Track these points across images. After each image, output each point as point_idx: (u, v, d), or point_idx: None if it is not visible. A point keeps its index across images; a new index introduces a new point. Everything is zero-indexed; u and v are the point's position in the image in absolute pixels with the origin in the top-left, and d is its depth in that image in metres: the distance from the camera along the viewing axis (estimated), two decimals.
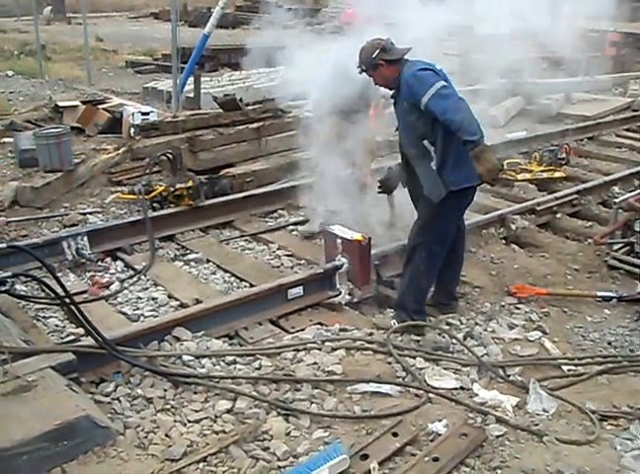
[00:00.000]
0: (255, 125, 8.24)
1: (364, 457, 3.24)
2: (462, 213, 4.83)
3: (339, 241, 5.03)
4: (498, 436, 3.46)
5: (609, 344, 4.59)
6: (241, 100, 8.80)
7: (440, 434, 3.39)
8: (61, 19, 27.87)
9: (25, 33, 21.28)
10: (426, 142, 4.46)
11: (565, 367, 4.29)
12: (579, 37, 17.39)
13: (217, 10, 8.99)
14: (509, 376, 4.14)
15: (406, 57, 4.58)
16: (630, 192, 6.61)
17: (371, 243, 5.04)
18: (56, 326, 4.80)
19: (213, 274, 5.65)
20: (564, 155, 8.55)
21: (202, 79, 11.28)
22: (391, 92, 4.72)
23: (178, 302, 5.13)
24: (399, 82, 4.51)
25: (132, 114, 8.56)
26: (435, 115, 4.27)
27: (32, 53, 16.52)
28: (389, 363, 4.08)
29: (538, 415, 3.74)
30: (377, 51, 4.51)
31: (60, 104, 9.82)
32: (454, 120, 4.20)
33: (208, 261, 5.83)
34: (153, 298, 5.20)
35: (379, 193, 5.43)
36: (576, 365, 4.31)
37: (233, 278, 5.55)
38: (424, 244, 4.61)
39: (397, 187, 5.32)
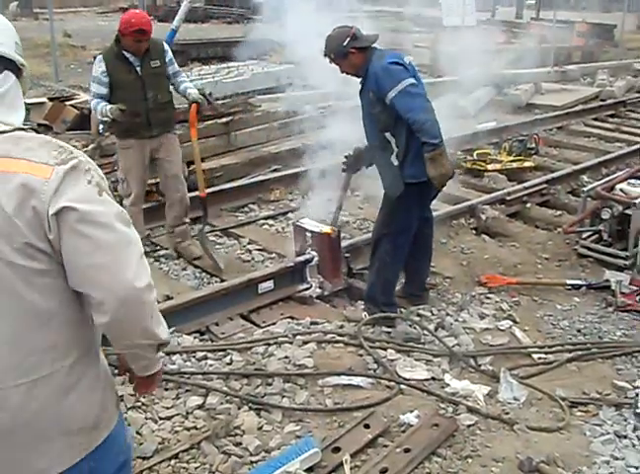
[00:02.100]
0: (224, 120, 8.17)
1: (337, 450, 3.25)
2: (427, 204, 4.81)
3: (308, 234, 5.02)
4: (469, 426, 3.49)
5: (579, 331, 4.63)
6: (210, 94, 8.71)
7: (411, 425, 3.41)
8: (28, 14, 27.45)
9: None
10: (388, 135, 4.43)
11: (535, 356, 4.32)
12: (547, 27, 17.64)
13: (185, 4, 8.92)
14: (480, 366, 4.17)
15: (374, 45, 4.53)
16: (598, 180, 6.67)
17: (341, 236, 5.04)
18: None
19: (184, 269, 5.61)
20: (533, 145, 8.61)
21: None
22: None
23: None
24: (367, 71, 4.44)
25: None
26: (399, 111, 4.26)
27: None
28: (360, 356, 4.08)
29: (509, 403, 3.76)
30: (348, 39, 4.42)
31: (26, 101, 9.65)
32: (418, 120, 4.20)
33: (179, 256, 5.79)
34: None
35: (343, 170, 5.26)
36: (546, 353, 4.35)
37: (204, 274, 5.51)
38: (387, 236, 4.60)
39: (361, 169, 5.17)
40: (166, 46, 5.56)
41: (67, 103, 9.38)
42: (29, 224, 1.66)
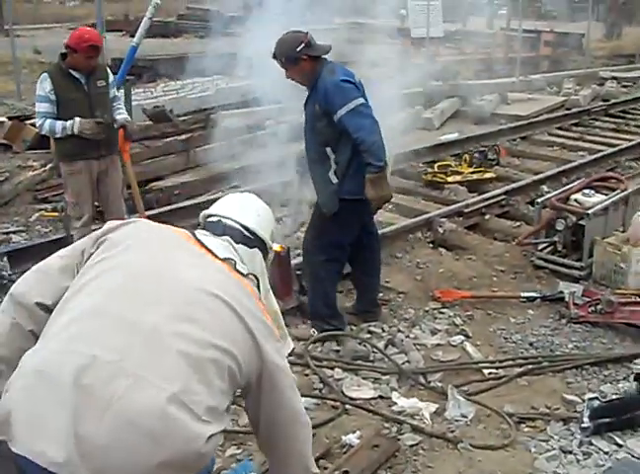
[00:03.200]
0: (184, 137, 8.13)
1: None
2: (367, 220, 4.74)
3: None
4: (412, 446, 3.45)
5: (531, 345, 4.60)
6: (171, 111, 8.69)
7: (352, 446, 3.36)
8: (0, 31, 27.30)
9: None
10: (328, 150, 4.39)
11: (486, 371, 4.29)
12: (513, 37, 17.76)
13: (145, 20, 8.81)
14: (429, 383, 4.12)
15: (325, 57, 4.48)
16: (557, 190, 6.67)
17: (290, 253, 4.99)
18: None
19: None
20: (494, 156, 8.63)
21: (137, 90, 11.12)
22: None
23: None
24: (316, 82, 4.39)
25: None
26: (348, 130, 4.23)
27: None
28: (307, 375, 4.04)
29: (457, 421, 3.73)
30: (302, 45, 4.34)
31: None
32: (366, 141, 4.18)
33: None
34: None
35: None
36: (497, 368, 4.32)
37: None
38: (319, 249, 4.57)
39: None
40: (108, 69, 5.55)
41: (27, 122, 9.30)
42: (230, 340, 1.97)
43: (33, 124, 9.19)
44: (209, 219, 2.40)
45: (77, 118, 5.13)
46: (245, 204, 2.48)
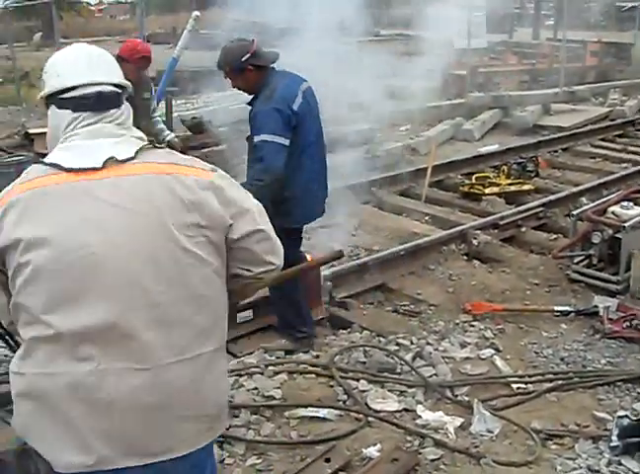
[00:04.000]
0: (222, 147, 8.21)
1: None
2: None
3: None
4: (433, 460, 3.40)
5: (562, 360, 4.50)
6: (210, 122, 8.79)
7: (372, 459, 3.33)
8: (51, 44, 27.87)
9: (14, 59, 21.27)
10: None
11: (515, 385, 4.22)
12: (558, 47, 17.53)
13: (185, 33, 9.00)
14: (456, 396, 4.07)
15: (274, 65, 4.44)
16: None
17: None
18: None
19: None
20: (533, 167, 8.52)
21: (178, 102, 11.27)
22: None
23: None
24: (257, 95, 4.36)
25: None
26: (256, 156, 4.25)
27: (15, 81, 16.54)
28: (331, 387, 4.01)
29: (482, 436, 3.66)
30: (248, 55, 4.28)
31: (31, 131, 9.81)
32: (257, 176, 4.20)
33: None
34: None
35: None
36: (526, 383, 4.23)
37: None
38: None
39: None
40: (151, 82, 5.68)
41: None
42: (204, 216, 1.98)
43: None
44: (64, 97, 2.05)
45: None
46: (84, 58, 2.12)
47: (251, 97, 4.48)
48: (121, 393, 1.85)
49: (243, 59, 4.28)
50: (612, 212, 5.69)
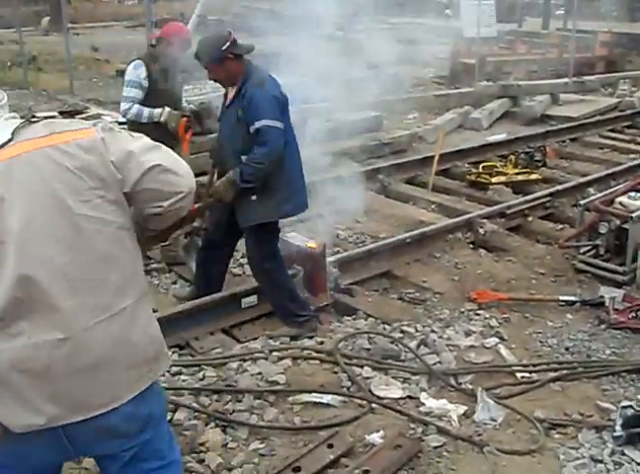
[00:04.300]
0: None
1: (297, 470, 3.19)
2: None
3: (293, 249, 4.96)
4: (436, 447, 3.41)
5: (567, 349, 4.50)
6: (217, 107, 8.74)
7: (375, 446, 3.33)
8: (59, 29, 27.79)
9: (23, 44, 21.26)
10: (244, 158, 4.40)
11: (519, 375, 4.21)
12: (568, 37, 17.41)
13: (193, 18, 8.96)
14: (460, 384, 4.06)
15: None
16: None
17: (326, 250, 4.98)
18: None
19: (174, 283, 5.59)
20: (541, 157, 8.47)
21: (187, 87, 11.21)
22: None
23: None
24: (242, 87, 4.37)
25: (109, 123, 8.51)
26: (258, 140, 4.32)
27: (22, 65, 16.53)
28: (335, 373, 4.02)
29: (485, 424, 3.67)
30: (227, 44, 4.30)
31: (37, 115, 9.78)
32: (260, 159, 4.33)
33: (170, 270, 5.77)
34: None
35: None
36: (530, 372, 4.23)
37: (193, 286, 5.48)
38: (266, 257, 4.64)
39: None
40: None
41: (77, 116, 9.49)
42: (94, 178, 2.04)
43: (86, 118, 9.39)
44: None
45: (167, 108, 5.33)
46: None
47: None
48: (56, 361, 1.98)
49: (223, 48, 4.32)
50: (620, 203, 5.65)
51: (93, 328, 2.01)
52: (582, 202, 5.79)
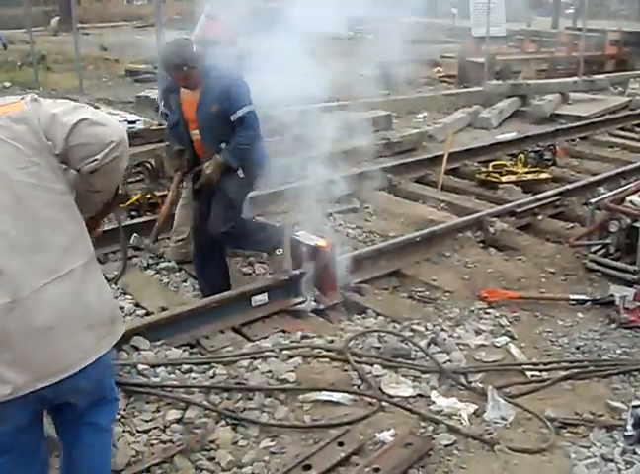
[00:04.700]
0: None
1: (308, 468, 3.19)
2: None
3: (303, 247, 4.97)
4: (447, 446, 3.40)
5: (577, 348, 4.48)
6: None
7: (385, 444, 3.33)
8: (69, 29, 27.86)
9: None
10: (223, 145, 4.85)
11: (529, 373, 4.20)
12: (577, 36, 17.36)
13: (202, 17, 8.92)
14: (470, 383, 4.06)
15: None
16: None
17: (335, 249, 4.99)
18: None
19: (184, 282, 5.61)
20: (550, 156, 8.45)
21: None
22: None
23: (144, 311, 5.10)
24: (204, 83, 4.75)
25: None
26: (246, 127, 4.78)
27: (32, 64, 16.59)
28: (345, 371, 4.01)
29: (496, 423, 3.65)
30: (196, 48, 4.64)
31: None
32: (251, 143, 4.90)
33: (180, 269, 5.79)
34: (120, 307, 5.15)
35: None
36: (540, 371, 4.20)
37: None
38: (234, 221, 5.14)
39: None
40: None
41: None
42: (27, 146, 2.17)
43: None
44: None
45: None
46: None
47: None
48: (12, 325, 2.07)
49: (197, 53, 4.63)
50: (631, 202, 5.63)
51: (42, 290, 2.10)
52: (592, 201, 5.77)
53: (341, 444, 3.32)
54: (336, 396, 3.72)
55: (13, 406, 2.14)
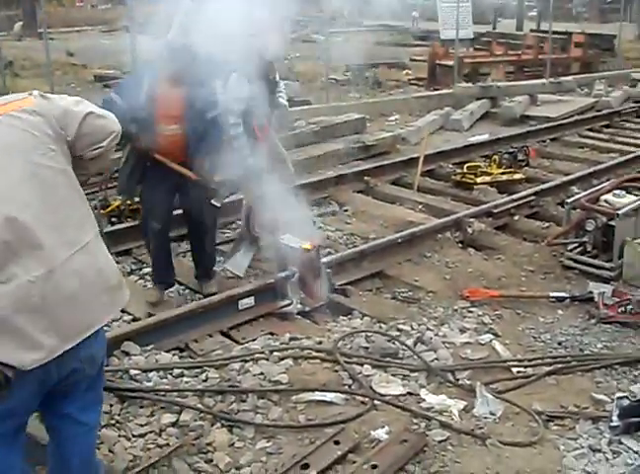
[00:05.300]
0: None
1: (305, 467, 3.24)
2: None
3: (288, 250, 5.02)
4: (440, 441, 3.47)
5: (560, 344, 4.59)
6: None
7: (381, 441, 3.40)
8: (32, 34, 27.56)
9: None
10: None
11: (514, 369, 4.29)
12: (543, 39, 17.66)
13: (177, 20, 8.92)
14: (458, 380, 4.14)
15: None
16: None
17: (320, 251, 5.05)
18: None
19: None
20: (524, 157, 8.61)
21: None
22: None
23: (131, 316, 5.10)
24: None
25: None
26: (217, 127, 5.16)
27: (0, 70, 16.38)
28: (336, 371, 4.06)
29: (485, 418, 3.74)
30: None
31: None
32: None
33: None
34: None
35: None
36: (525, 367, 4.31)
37: (188, 291, 5.52)
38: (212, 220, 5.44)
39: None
40: None
41: None
42: (42, 134, 2.41)
43: None
44: None
45: None
46: None
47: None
48: (48, 293, 2.29)
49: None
50: (605, 201, 5.78)
51: (70, 259, 2.35)
52: (568, 201, 5.90)
53: (337, 443, 3.37)
54: (329, 396, 3.78)
55: (39, 373, 2.31)
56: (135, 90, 4.94)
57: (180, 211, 5.43)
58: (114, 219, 6.68)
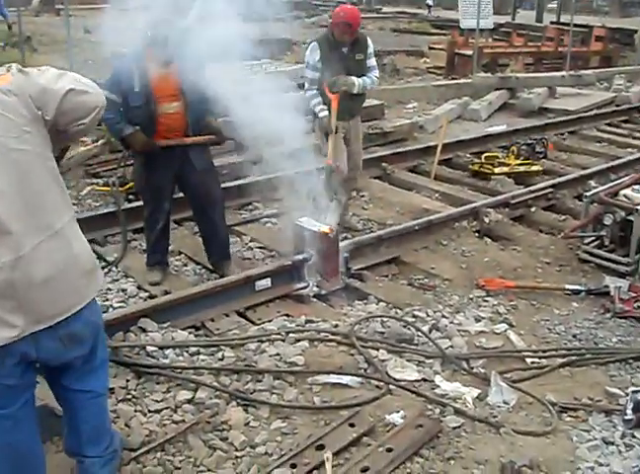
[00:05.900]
0: None
1: (321, 448, 3.26)
2: None
3: (306, 233, 5.03)
4: (454, 428, 3.49)
5: (574, 336, 4.60)
6: None
7: (396, 425, 3.42)
8: (50, 10, 27.55)
9: (13, 24, 21.07)
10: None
11: (529, 360, 4.30)
12: (563, 31, 17.52)
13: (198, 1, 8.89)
14: (472, 369, 4.15)
15: None
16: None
17: (339, 235, 5.06)
18: None
19: (185, 265, 5.65)
20: (542, 149, 8.58)
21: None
22: None
23: (147, 293, 5.13)
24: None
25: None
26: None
27: (17, 45, 16.40)
28: (352, 355, 4.09)
29: (499, 407, 3.76)
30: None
31: None
32: None
33: (180, 252, 5.82)
34: (123, 290, 5.20)
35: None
36: (540, 358, 4.32)
37: (204, 270, 5.55)
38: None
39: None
40: (369, 42, 6.08)
41: None
42: (17, 116, 2.36)
43: None
44: None
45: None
46: None
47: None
48: (17, 278, 2.33)
49: None
50: (624, 195, 5.76)
51: (40, 246, 2.37)
52: (587, 194, 5.88)
53: (352, 425, 3.39)
54: (345, 379, 3.80)
55: (16, 348, 2.40)
56: (127, 81, 4.90)
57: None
58: (131, 197, 6.70)
